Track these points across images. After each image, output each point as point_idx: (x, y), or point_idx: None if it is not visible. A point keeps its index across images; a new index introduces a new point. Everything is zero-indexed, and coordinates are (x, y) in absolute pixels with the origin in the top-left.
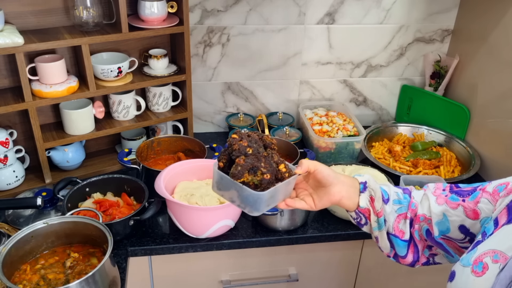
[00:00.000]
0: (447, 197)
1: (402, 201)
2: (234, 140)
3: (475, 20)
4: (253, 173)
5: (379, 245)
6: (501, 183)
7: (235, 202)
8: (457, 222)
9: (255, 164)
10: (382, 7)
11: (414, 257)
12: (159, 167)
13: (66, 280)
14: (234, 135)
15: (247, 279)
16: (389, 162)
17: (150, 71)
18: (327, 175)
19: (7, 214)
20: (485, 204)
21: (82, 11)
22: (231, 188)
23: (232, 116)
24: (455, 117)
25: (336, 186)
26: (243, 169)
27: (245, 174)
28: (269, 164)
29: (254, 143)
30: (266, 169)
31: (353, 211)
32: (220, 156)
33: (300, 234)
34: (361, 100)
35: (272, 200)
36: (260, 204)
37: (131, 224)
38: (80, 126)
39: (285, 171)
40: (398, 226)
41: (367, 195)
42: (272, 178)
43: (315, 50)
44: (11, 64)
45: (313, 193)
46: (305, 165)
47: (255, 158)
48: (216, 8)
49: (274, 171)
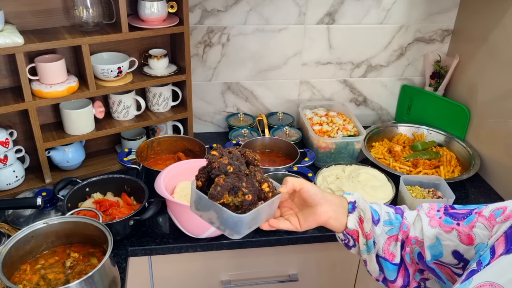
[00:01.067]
0: (441, 219)
1: (393, 222)
2: (214, 157)
3: (475, 20)
4: (233, 194)
5: (367, 269)
6: (498, 207)
7: (214, 223)
8: (450, 247)
9: (236, 184)
10: (382, 7)
11: (404, 281)
12: (159, 167)
13: (66, 280)
14: (214, 151)
15: (247, 279)
16: (389, 162)
17: (150, 71)
18: (313, 194)
19: (7, 214)
20: (481, 229)
21: (82, 11)
22: (210, 209)
23: (232, 116)
24: (455, 117)
25: (323, 206)
26: (223, 190)
27: (225, 195)
28: (251, 183)
29: (236, 160)
30: (247, 190)
31: (341, 232)
32: (199, 174)
33: (300, 234)
34: (361, 100)
35: (254, 222)
36: (241, 227)
37: (131, 224)
38: (80, 126)
39: (268, 190)
40: (389, 249)
41: (355, 216)
42: (254, 198)
43: (315, 50)
44: (11, 64)
45: (298, 212)
46: (290, 183)
47: (236, 178)
48: (216, 8)
49: (257, 191)
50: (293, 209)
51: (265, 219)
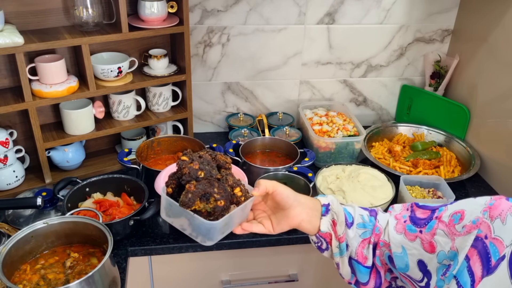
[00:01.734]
0: (405, 224)
1: (367, 225)
2: (184, 162)
3: (475, 20)
4: (205, 200)
5: (340, 272)
6: (456, 211)
7: (186, 230)
8: (415, 257)
9: (207, 190)
10: (382, 7)
11: (376, 282)
12: (159, 167)
13: (66, 280)
14: (184, 156)
15: (247, 279)
16: (389, 162)
17: (150, 71)
18: (286, 196)
19: (7, 214)
20: (441, 237)
21: (82, 11)
22: (181, 215)
23: (232, 116)
24: (455, 117)
25: (296, 208)
26: (194, 197)
27: (197, 201)
28: (223, 189)
29: (207, 165)
30: (219, 195)
31: (314, 235)
32: (169, 180)
33: (300, 234)
34: (361, 100)
35: (227, 227)
36: (213, 233)
37: (131, 224)
38: (80, 126)
39: (241, 194)
40: (363, 252)
41: (329, 219)
42: (226, 204)
43: (315, 50)
44: (11, 64)
45: (271, 215)
46: (262, 186)
47: (208, 183)
48: (216, 8)
49: (229, 196)
50: (266, 212)
51: (238, 223)
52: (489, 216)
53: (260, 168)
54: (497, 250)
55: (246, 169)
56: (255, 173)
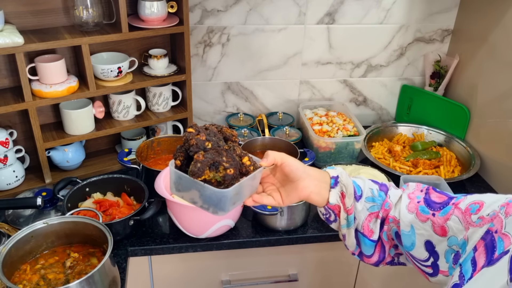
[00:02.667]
0: (419, 204)
1: (375, 199)
2: (191, 134)
3: (475, 20)
4: (214, 169)
5: (345, 243)
6: (475, 201)
7: (197, 203)
8: (424, 237)
9: (216, 159)
10: (382, 7)
11: (380, 256)
12: (159, 167)
13: (66, 280)
14: (190, 128)
15: (247, 279)
16: (389, 162)
17: (150, 71)
18: (295, 168)
19: (7, 214)
20: (455, 223)
21: (82, 11)
22: (192, 188)
23: (232, 116)
24: (455, 117)
25: (305, 180)
26: (203, 166)
27: (206, 171)
28: (232, 157)
29: (213, 136)
30: (228, 164)
31: (322, 207)
32: (176, 153)
33: (300, 234)
34: (361, 100)
35: (238, 197)
36: (225, 202)
37: (131, 224)
38: (80, 126)
39: (249, 164)
40: (369, 225)
41: (337, 191)
42: (236, 173)
43: (315, 50)
44: (11, 64)
45: (280, 188)
46: (271, 157)
47: (216, 153)
48: (216, 8)
49: (238, 165)
50: (275, 185)
51: (248, 195)
52: (505, 212)
53: None
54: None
55: None
56: None
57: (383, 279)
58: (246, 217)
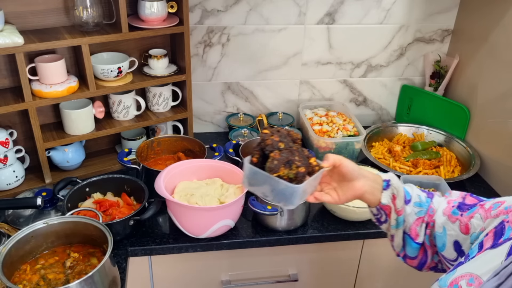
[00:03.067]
0: (453, 208)
1: (423, 204)
2: (266, 135)
3: (475, 20)
4: (288, 167)
5: (392, 243)
6: (498, 201)
7: (268, 197)
8: (452, 237)
9: (290, 158)
10: (382, 7)
11: (421, 260)
12: (159, 167)
13: (66, 280)
14: (266, 130)
15: (247, 279)
16: (389, 162)
17: (150, 71)
18: (352, 170)
19: (7, 214)
20: (477, 220)
21: (82, 11)
22: (265, 183)
23: (232, 116)
24: (455, 117)
25: (360, 180)
26: (279, 163)
27: (281, 167)
28: (303, 157)
29: (284, 138)
30: (300, 163)
31: (374, 207)
32: (254, 151)
33: (300, 234)
34: (361, 100)
35: (304, 194)
36: (295, 197)
37: (131, 224)
38: (80, 126)
39: (315, 164)
40: (416, 229)
41: (389, 193)
42: (306, 171)
43: (315, 50)
44: (11, 64)
45: (337, 187)
46: (331, 159)
47: (289, 152)
48: (216, 8)
49: (307, 164)
50: (331, 184)
51: (310, 193)
52: None
53: None
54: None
55: None
56: None
57: (383, 279)
58: (246, 217)
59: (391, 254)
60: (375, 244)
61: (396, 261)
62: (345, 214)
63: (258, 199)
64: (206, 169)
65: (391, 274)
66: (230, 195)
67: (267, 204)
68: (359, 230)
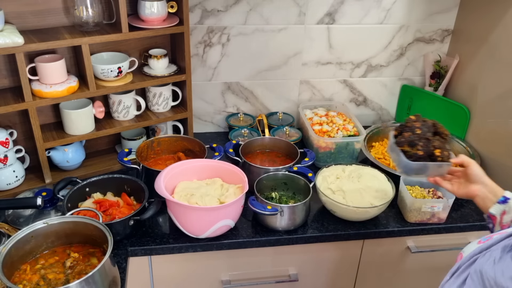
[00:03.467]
0: None
1: None
2: (410, 120)
3: (475, 20)
4: (411, 147)
5: None
6: None
7: (395, 162)
8: None
9: (414, 141)
10: (382, 7)
11: None
12: (159, 167)
13: (66, 280)
14: (413, 116)
15: (247, 279)
16: (389, 162)
17: (150, 71)
18: (475, 174)
19: (7, 214)
20: None
21: (82, 11)
22: (395, 151)
23: (232, 116)
24: (455, 117)
25: (477, 185)
26: (405, 141)
27: (405, 145)
28: (426, 145)
29: (425, 127)
30: (421, 147)
31: (486, 214)
32: (397, 127)
33: (300, 234)
34: (361, 100)
35: (421, 171)
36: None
37: (131, 224)
38: (80, 126)
39: (438, 155)
40: None
41: (502, 207)
42: (424, 155)
43: (315, 50)
44: (11, 64)
45: (461, 182)
46: (460, 159)
47: (417, 137)
48: (216, 8)
49: (428, 152)
50: (459, 178)
51: (432, 175)
52: None
53: (260, 168)
54: None
55: (246, 169)
56: (255, 173)
57: (383, 279)
58: (246, 217)
59: (391, 254)
60: (375, 244)
61: (396, 261)
62: (345, 214)
63: (258, 199)
64: (206, 169)
65: (391, 274)
66: (230, 195)
67: (267, 204)
68: (359, 230)
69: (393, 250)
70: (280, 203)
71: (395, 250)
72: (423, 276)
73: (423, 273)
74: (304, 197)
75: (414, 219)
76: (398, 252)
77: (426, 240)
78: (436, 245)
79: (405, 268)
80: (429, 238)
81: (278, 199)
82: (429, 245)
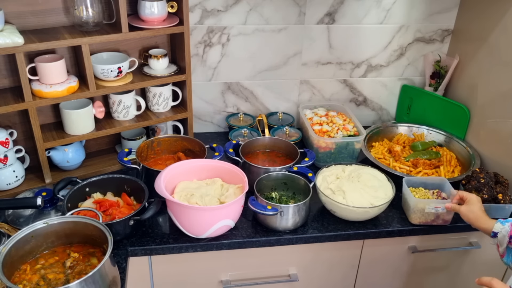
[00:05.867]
0: None
1: None
2: (476, 172)
3: (475, 20)
4: (477, 192)
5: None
6: None
7: None
8: None
9: (480, 188)
10: (382, 7)
11: None
12: (159, 167)
13: (66, 280)
14: (478, 168)
15: (247, 279)
16: (389, 162)
17: (150, 71)
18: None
19: (7, 214)
20: None
21: (82, 11)
22: None
23: (232, 116)
24: (455, 117)
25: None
26: (473, 187)
27: (472, 190)
28: (490, 191)
29: (487, 178)
30: (486, 193)
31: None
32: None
33: (300, 234)
34: (361, 100)
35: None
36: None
37: (131, 224)
38: (80, 126)
39: (501, 198)
40: None
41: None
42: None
43: (315, 50)
44: (11, 64)
45: None
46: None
47: (483, 185)
48: (216, 8)
49: (493, 196)
50: None
51: None
52: None
53: (260, 168)
54: None
55: (246, 169)
56: (255, 173)
57: (383, 279)
58: (246, 217)
59: (391, 254)
60: (375, 244)
61: (396, 261)
62: (345, 214)
63: (258, 199)
64: (206, 169)
65: (391, 274)
66: (230, 195)
67: (267, 204)
68: (359, 230)
69: (393, 250)
70: (280, 203)
71: (395, 250)
72: (423, 276)
73: (423, 273)
74: (304, 197)
75: (418, 221)
76: (398, 252)
77: (427, 240)
78: (436, 245)
79: (405, 268)
80: (429, 238)
81: (278, 199)
82: (429, 245)
